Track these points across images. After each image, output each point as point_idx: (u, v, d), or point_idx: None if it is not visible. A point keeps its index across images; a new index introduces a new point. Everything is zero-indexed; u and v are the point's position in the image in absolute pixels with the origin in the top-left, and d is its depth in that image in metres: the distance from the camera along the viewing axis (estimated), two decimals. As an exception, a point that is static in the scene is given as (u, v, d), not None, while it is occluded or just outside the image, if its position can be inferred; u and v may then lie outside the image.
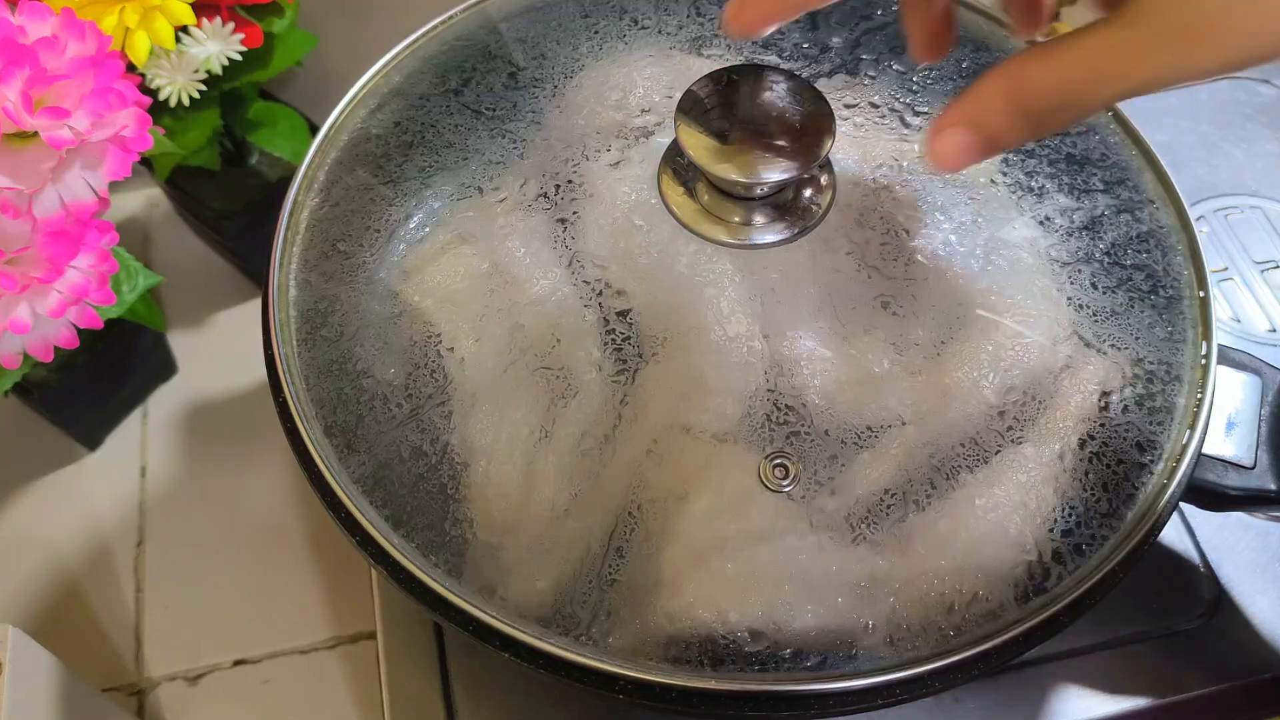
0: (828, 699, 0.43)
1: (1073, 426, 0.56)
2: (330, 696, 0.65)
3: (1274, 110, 0.80)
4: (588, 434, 0.55)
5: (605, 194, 0.58)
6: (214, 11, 0.60)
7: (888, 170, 0.57)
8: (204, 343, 0.79)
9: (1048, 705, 0.56)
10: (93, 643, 0.67)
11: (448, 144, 0.70)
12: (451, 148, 0.70)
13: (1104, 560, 0.47)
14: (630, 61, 0.62)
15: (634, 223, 0.56)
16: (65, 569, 0.70)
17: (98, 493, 0.73)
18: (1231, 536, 0.61)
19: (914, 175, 0.57)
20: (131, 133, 0.51)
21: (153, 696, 0.65)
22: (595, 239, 0.57)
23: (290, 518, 0.72)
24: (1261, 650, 0.57)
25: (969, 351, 0.58)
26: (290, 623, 0.68)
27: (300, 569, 0.70)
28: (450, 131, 0.69)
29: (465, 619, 0.45)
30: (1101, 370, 0.57)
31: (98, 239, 0.53)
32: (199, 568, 0.70)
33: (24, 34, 0.50)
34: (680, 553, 0.50)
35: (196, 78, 0.61)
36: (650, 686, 0.44)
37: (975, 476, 0.54)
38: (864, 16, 0.65)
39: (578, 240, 0.56)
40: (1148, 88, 0.35)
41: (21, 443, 0.74)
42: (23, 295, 0.51)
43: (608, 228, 0.57)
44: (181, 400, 0.77)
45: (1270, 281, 0.72)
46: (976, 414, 0.57)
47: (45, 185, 0.49)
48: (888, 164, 0.58)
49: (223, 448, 0.75)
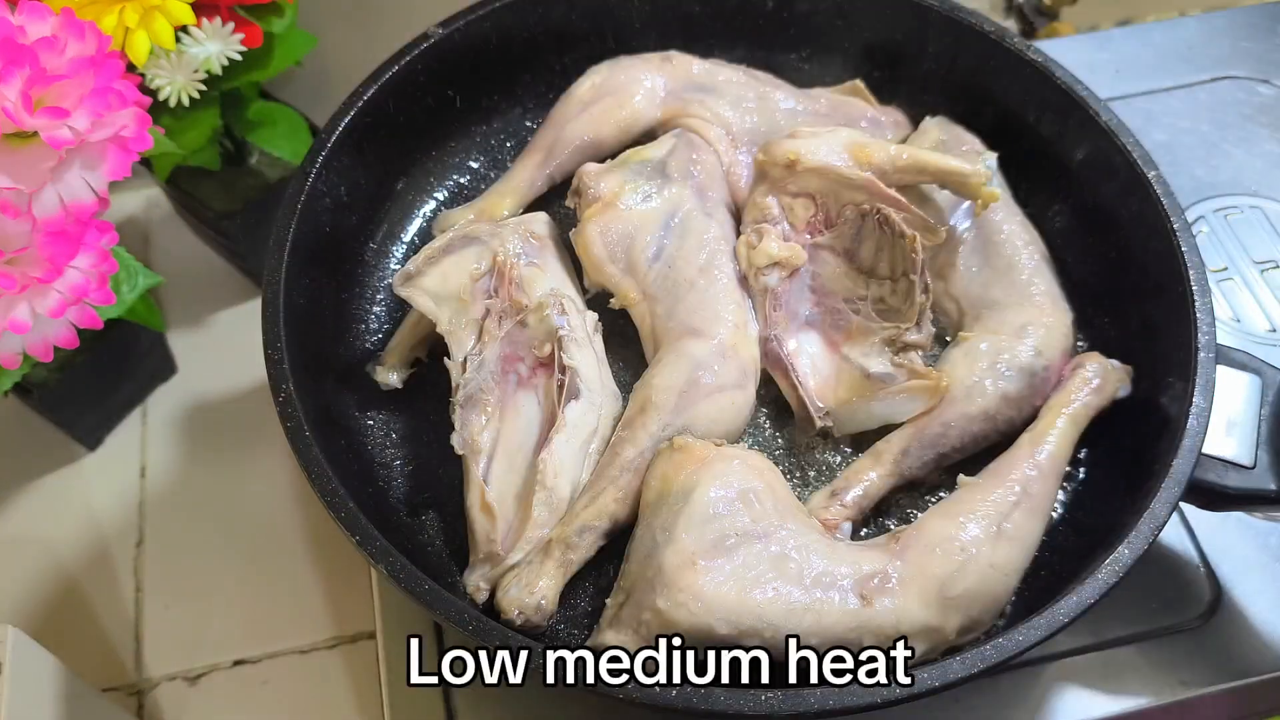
0: (828, 699, 0.43)
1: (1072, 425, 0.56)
2: (330, 696, 0.65)
3: (1274, 110, 0.80)
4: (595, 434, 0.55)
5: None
6: (214, 11, 0.60)
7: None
8: (204, 343, 0.79)
9: (1048, 705, 0.56)
10: (93, 643, 0.67)
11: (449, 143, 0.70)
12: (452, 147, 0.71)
13: (1104, 560, 0.47)
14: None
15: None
16: (65, 569, 0.70)
17: (98, 493, 0.73)
18: (1231, 536, 0.61)
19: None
20: (131, 133, 0.51)
21: (152, 696, 0.65)
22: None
23: (290, 518, 0.71)
24: (1261, 650, 0.57)
25: (968, 350, 0.58)
26: (290, 623, 0.68)
27: (300, 569, 0.70)
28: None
29: (465, 619, 0.45)
30: (1101, 369, 0.57)
31: (97, 239, 0.53)
32: (199, 568, 0.70)
33: (24, 34, 0.50)
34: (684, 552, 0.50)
35: (196, 78, 0.61)
36: (650, 688, 0.44)
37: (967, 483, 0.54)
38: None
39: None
40: None
41: (21, 443, 0.74)
42: (23, 295, 0.51)
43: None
44: (181, 400, 0.77)
45: (1270, 281, 0.72)
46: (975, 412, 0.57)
47: (45, 185, 0.49)
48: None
49: (222, 447, 0.75)
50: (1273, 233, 0.74)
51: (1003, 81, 0.66)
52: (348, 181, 0.61)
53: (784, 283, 0.59)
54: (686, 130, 0.64)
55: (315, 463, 0.49)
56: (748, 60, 0.70)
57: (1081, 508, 0.56)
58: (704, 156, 0.63)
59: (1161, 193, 0.58)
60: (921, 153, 0.60)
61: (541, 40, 0.69)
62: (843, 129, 0.62)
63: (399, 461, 0.59)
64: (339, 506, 0.48)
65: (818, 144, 0.59)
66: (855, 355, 0.58)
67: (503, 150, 0.71)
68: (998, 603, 0.51)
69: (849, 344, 0.59)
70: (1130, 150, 0.59)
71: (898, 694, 0.44)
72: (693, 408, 0.54)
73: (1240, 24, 0.85)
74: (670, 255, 0.58)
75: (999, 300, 0.60)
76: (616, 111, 0.66)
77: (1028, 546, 0.52)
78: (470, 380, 0.54)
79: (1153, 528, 0.48)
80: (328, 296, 0.61)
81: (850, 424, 0.58)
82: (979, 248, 0.62)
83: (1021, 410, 0.57)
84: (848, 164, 0.59)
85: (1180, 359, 0.54)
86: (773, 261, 0.58)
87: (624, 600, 0.50)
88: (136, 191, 0.86)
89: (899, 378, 0.57)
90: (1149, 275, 0.58)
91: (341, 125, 0.60)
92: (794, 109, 0.66)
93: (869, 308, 0.59)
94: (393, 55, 0.63)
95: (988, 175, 0.59)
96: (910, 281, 0.58)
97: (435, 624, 0.58)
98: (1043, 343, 0.58)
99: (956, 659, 0.45)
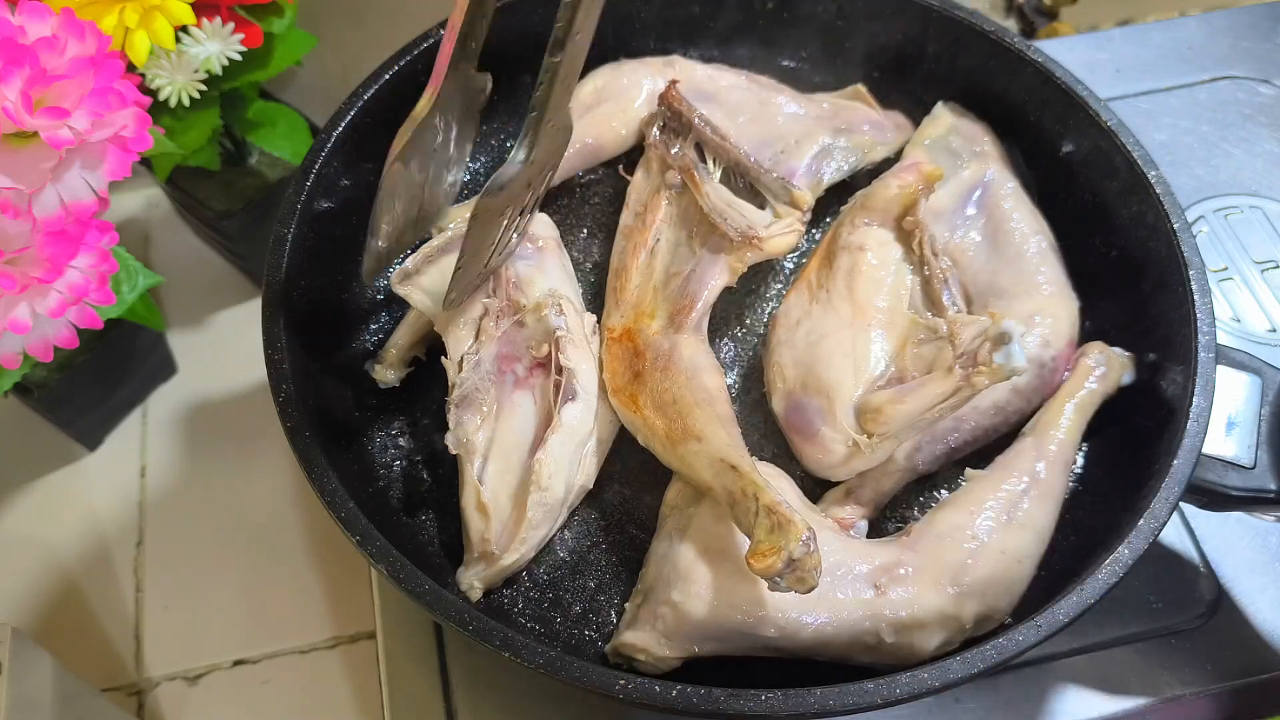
0: (828, 699, 0.43)
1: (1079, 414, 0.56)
2: (330, 696, 0.65)
3: (1274, 110, 0.80)
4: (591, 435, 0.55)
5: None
6: (214, 11, 0.60)
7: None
8: (204, 343, 0.79)
9: (1048, 705, 0.56)
10: (93, 643, 0.67)
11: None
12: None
13: (1104, 560, 0.47)
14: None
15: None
16: (65, 569, 0.70)
17: (98, 493, 0.73)
18: (1231, 536, 0.61)
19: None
20: (131, 133, 0.51)
21: (152, 696, 0.65)
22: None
23: (290, 518, 0.72)
24: (1261, 650, 0.57)
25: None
26: (290, 623, 0.68)
27: (300, 569, 0.70)
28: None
29: (465, 619, 0.45)
30: (1105, 357, 0.57)
31: (97, 239, 0.53)
32: (199, 568, 0.70)
33: (24, 34, 0.49)
34: (698, 547, 0.50)
35: (196, 78, 0.61)
36: (650, 688, 0.44)
37: (976, 475, 0.54)
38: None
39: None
40: None
41: (21, 443, 0.74)
42: (23, 295, 0.51)
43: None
44: (181, 400, 0.77)
45: (1270, 281, 0.72)
46: (986, 405, 0.57)
47: (45, 185, 0.49)
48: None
49: (222, 448, 0.75)
50: (1273, 233, 0.74)
51: (1003, 82, 0.66)
52: (348, 181, 0.61)
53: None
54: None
55: (315, 463, 0.49)
56: (748, 62, 0.70)
57: (1081, 508, 0.56)
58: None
59: (1161, 193, 0.58)
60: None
61: (542, 41, 0.69)
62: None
63: (399, 461, 0.59)
64: (339, 506, 0.48)
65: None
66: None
67: (503, 150, 0.71)
68: (1012, 590, 0.51)
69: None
70: (1130, 150, 0.59)
71: (898, 694, 0.44)
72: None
73: (1240, 24, 0.85)
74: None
75: (1006, 289, 0.60)
76: (618, 115, 0.66)
77: (1040, 534, 0.52)
78: (466, 380, 0.54)
79: (1153, 528, 0.48)
80: (328, 296, 0.61)
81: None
82: (988, 235, 0.62)
83: (1031, 401, 0.57)
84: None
85: (1180, 359, 0.54)
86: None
87: (641, 600, 0.51)
88: (136, 191, 0.86)
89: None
90: (1149, 275, 0.58)
91: (341, 125, 0.60)
92: (797, 114, 0.66)
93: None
94: (393, 55, 0.63)
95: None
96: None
97: (435, 624, 0.58)
98: (1051, 333, 0.58)
99: (956, 659, 0.45)
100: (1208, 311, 0.54)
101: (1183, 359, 0.53)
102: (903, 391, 0.51)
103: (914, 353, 0.54)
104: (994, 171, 0.63)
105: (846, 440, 0.53)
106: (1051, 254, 0.61)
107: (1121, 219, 0.61)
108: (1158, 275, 0.57)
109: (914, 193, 0.58)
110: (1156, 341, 0.57)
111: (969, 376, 0.49)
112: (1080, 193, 0.63)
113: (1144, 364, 0.57)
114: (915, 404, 0.50)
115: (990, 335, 0.48)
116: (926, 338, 0.55)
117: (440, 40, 0.63)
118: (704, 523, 0.51)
